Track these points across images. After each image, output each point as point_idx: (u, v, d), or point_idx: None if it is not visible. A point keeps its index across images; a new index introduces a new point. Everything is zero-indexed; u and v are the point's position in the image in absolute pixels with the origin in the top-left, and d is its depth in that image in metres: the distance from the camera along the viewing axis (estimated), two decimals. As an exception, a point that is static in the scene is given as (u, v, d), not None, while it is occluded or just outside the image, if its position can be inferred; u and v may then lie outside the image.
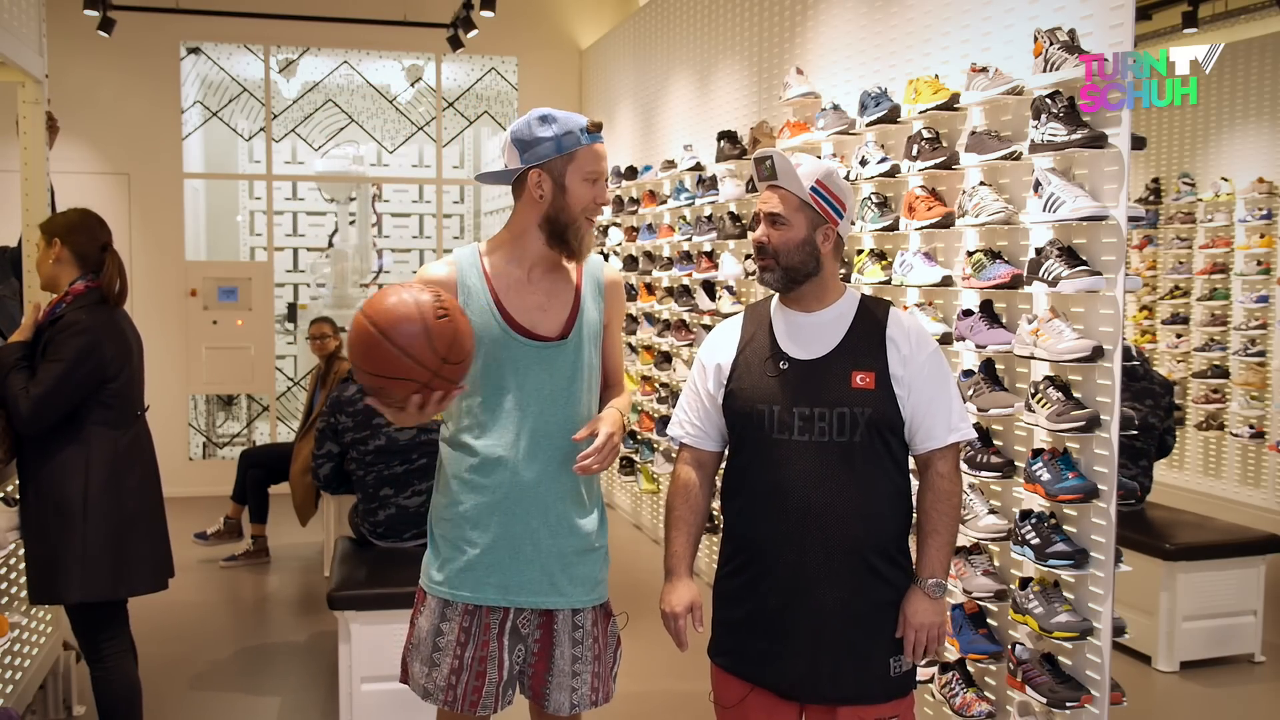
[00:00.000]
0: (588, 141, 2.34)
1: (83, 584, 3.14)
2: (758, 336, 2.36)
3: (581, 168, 2.33)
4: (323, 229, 10.02)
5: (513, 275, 2.39)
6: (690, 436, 2.43)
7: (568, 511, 2.39)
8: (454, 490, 2.39)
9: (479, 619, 2.37)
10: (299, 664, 4.68)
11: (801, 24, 4.97)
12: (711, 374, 2.38)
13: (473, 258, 2.41)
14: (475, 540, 2.36)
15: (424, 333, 2.14)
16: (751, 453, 2.31)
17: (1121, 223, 2.98)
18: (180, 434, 8.14)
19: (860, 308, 2.34)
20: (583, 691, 2.41)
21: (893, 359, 2.26)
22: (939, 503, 2.30)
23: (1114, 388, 3.00)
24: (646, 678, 4.41)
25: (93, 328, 3.16)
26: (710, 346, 2.43)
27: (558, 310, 2.40)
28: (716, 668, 2.39)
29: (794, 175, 2.28)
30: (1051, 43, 3.09)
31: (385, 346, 2.14)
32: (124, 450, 3.24)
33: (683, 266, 5.94)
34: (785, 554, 2.24)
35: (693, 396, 2.43)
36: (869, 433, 2.24)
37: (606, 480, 7.72)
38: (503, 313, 2.35)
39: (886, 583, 2.27)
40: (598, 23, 8.77)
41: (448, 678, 2.36)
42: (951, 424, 2.29)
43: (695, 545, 2.42)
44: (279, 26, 8.25)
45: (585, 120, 2.35)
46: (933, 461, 2.31)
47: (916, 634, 2.26)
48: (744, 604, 2.32)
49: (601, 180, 2.37)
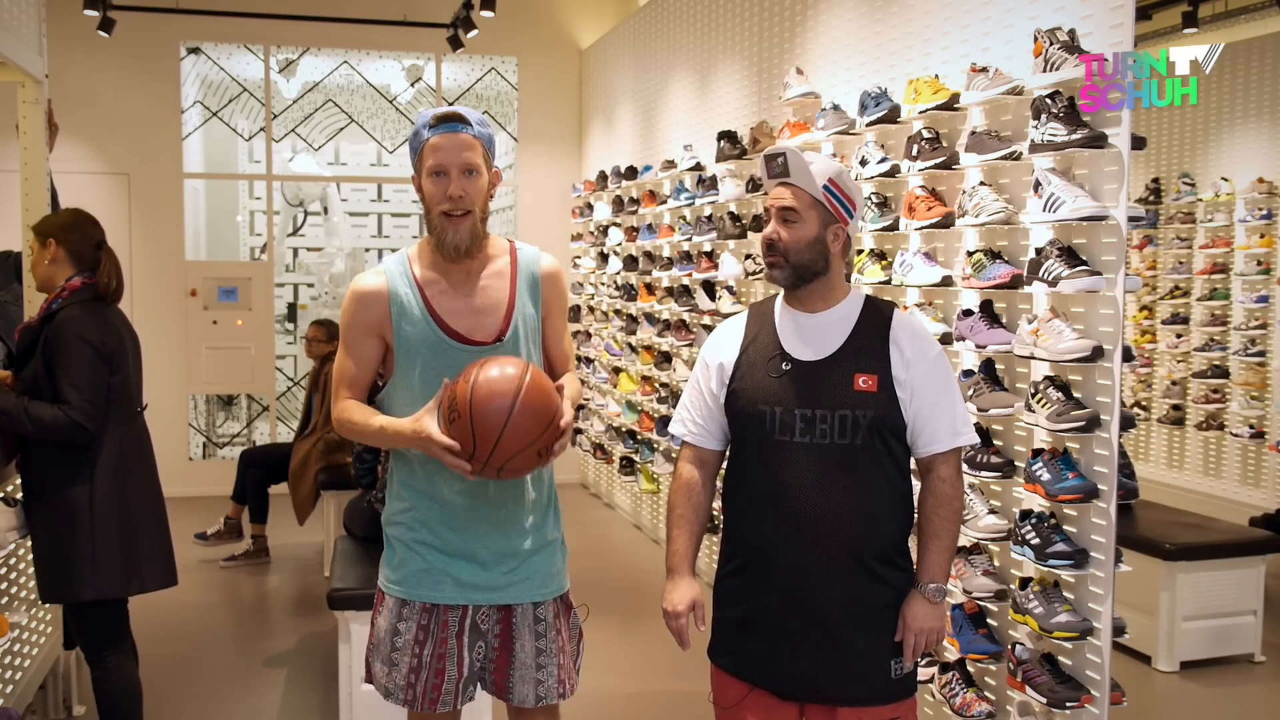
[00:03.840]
0: (427, 136, 2.30)
1: (94, 582, 3.14)
2: (761, 336, 2.35)
3: (425, 164, 2.31)
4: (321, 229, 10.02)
5: (442, 281, 2.37)
6: (692, 435, 2.43)
7: (518, 510, 2.39)
8: (405, 495, 2.40)
9: (437, 617, 2.37)
10: (299, 664, 4.68)
11: (801, 24, 4.97)
12: (714, 373, 2.37)
13: (402, 266, 2.38)
14: (429, 542, 2.37)
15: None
16: (753, 453, 2.30)
17: (1121, 223, 2.98)
18: (180, 434, 8.14)
19: (865, 309, 2.33)
20: (549, 684, 2.42)
21: (895, 362, 2.25)
22: (941, 507, 2.29)
23: (1114, 388, 3.00)
24: (647, 678, 4.41)
25: (89, 320, 3.17)
26: (713, 345, 2.42)
27: (492, 312, 2.37)
28: (716, 668, 2.39)
29: (807, 172, 2.27)
30: (1051, 43, 3.09)
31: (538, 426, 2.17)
32: (127, 447, 3.25)
33: (683, 266, 5.94)
34: (785, 555, 2.24)
35: (695, 395, 2.42)
36: (870, 435, 2.23)
37: (607, 480, 7.72)
38: (437, 320, 2.34)
39: (886, 585, 2.27)
40: (598, 23, 8.77)
41: (406, 676, 2.37)
42: (955, 428, 2.28)
43: (697, 544, 2.41)
44: (279, 26, 8.25)
45: (433, 114, 2.31)
46: (935, 465, 2.29)
47: (915, 638, 2.26)
48: (744, 604, 2.31)
49: (449, 173, 2.29)
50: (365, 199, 10.32)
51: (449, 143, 2.29)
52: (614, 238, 7.23)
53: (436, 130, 2.29)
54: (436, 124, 2.29)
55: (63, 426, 3.07)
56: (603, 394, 7.47)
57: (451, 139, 2.29)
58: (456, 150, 2.29)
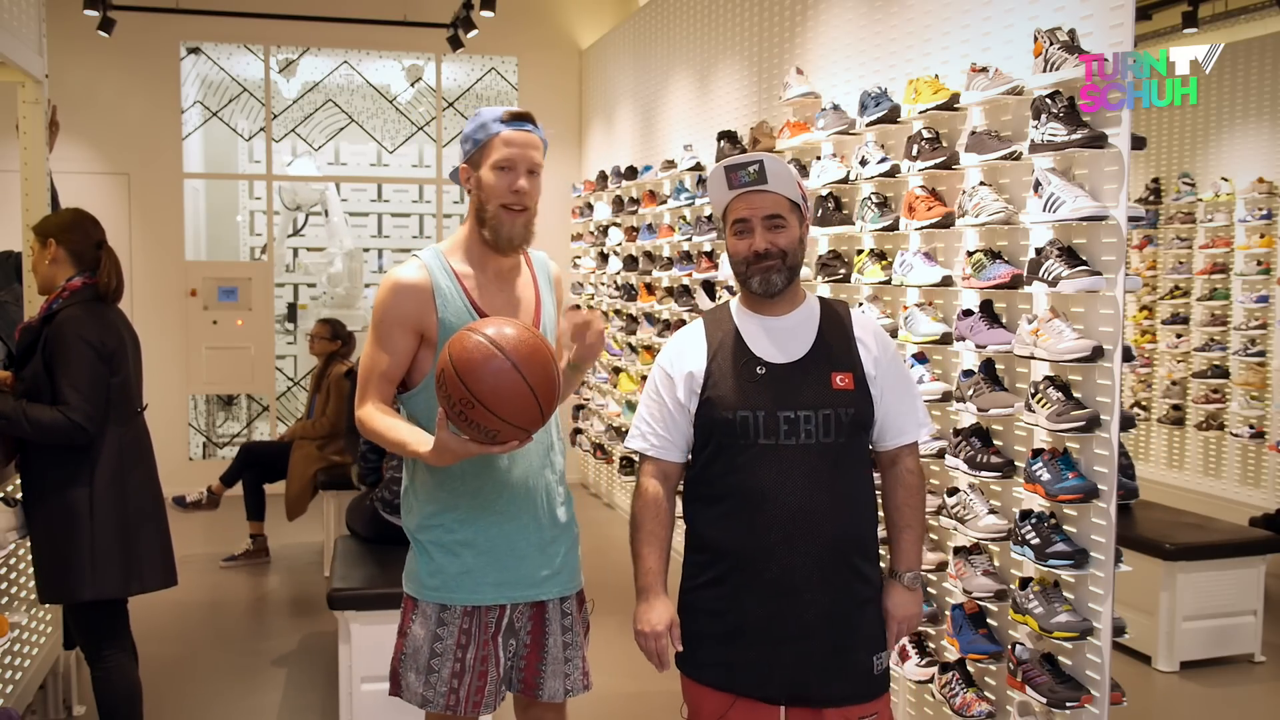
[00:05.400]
0: (498, 130, 2.33)
1: (94, 582, 3.14)
2: (725, 342, 2.32)
3: (491, 156, 2.32)
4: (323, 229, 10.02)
5: (477, 275, 2.40)
6: (655, 449, 2.36)
7: (550, 504, 2.44)
8: (441, 496, 2.38)
9: (478, 619, 2.37)
10: (299, 664, 4.68)
11: (801, 24, 4.97)
12: (681, 383, 2.32)
13: (438, 259, 2.39)
14: (470, 542, 2.36)
15: (554, 393, 2.15)
16: (730, 460, 2.26)
17: (1121, 223, 2.98)
18: (180, 434, 8.14)
19: (823, 309, 2.37)
20: (575, 676, 2.45)
21: (865, 359, 2.30)
22: (911, 497, 2.37)
23: (1114, 388, 3.00)
24: (647, 678, 4.40)
25: (89, 321, 3.17)
26: (674, 355, 2.36)
27: (524, 308, 2.43)
28: (691, 682, 2.34)
29: (788, 177, 2.28)
30: (1051, 43, 3.09)
31: (530, 400, 2.10)
32: (126, 447, 3.25)
33: (683, 266, 5.94)
34: (773, 559, 2.22)
35: (655, 407, 2.36)
36: (852, 433, 2.26)
37: (607, 480, 7.72)
38: (479, 312, 2.35)
39: (866, 581, 2.31)
40: (598, 23, 8.77)
41: (449, 681, 2.35)
42: (919, 419, 2.37)
43: (667, 560, 2.37)
44: (279, 26, 8.25)
45: (505, 110, 2.35)
46: (901, 458, 2.37)
47: (899, 626, 2.35)
48: (726, 615, 2.27)
49: (516, 168, 2.32)
50: (365, 199, 10.32)
51: (521, 139, 2.34)
52: (614, 238, 7.23)
53: (509, 126, 2.33)
54: (510, 120, 2.33)
55: (62, 428, 3.07)
56: (603, 394, 7.47)
57: (524, 136, 2.34)
58: (526, 148, 2.34)
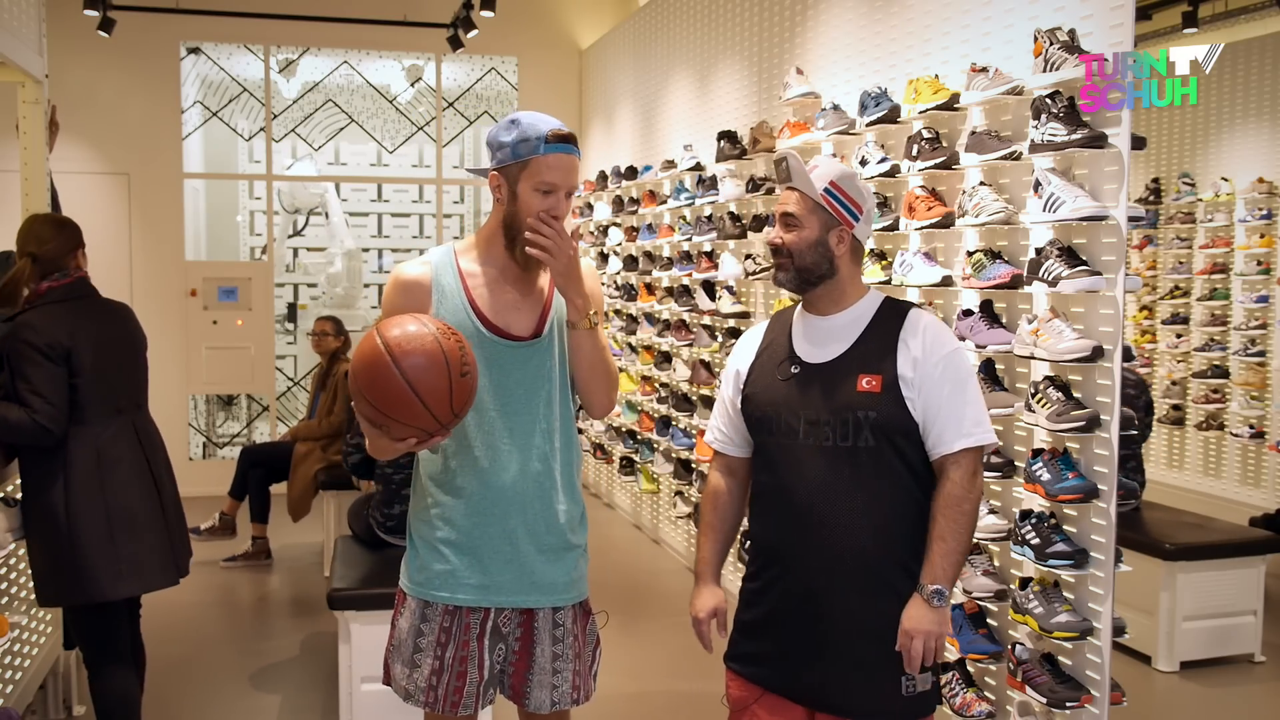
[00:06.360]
0: (544, 151, 2.27)
1: (79, 584, 3.12)
2: (776, 341, 2.37)
3: (533, 177, 2.28)
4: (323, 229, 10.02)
5: (486, 275, 2.38)
6: (718, 442, 2.47)
7: (545, 510, 2.38)
8: (431, 491, 2.39)
9: (459, 619, 2.37)
10: (299, 664, 4.69)
11: (801, 24, 4.97)
12: (732, 380, 2.42)
13: (447, 258, 2.40)
14: (453, 541, 2.36)
15: (447, 389, 2.10)
16: (765, 457, 2.33)
17: (1121, 223, 2.98)
18: (180, 434, 8.14)
19: (880, 310, 2.30)
20: (564, 689, 2.41)
21: (902, 361, 2.20)
22: (948, 508, 2.17)
23: (1114, 388, 3.00)
24: (646, 678, 4.41)
25: (41, 324, 3.12)
26: (735, 352, 2.47)
27: (530, 309, 2.39)
28: (730, 670, 2.40)
29: (806, 176, 2.28)
30: (1051, 43, 3.09)
31: (402, 390, 2.08)
32: (105, 447, 3.20)
33: (683, 266, 5.94)
34: (795, 559, 2.25)
35: (719, 403, 2.47)
36: (875, 437, 2.19)
37: (607, 480, 7.72)
38: (477, 312, 2.34)
39: (898, 596, 2.19)
40: (598, 23, 8.77)
41: (428, 678, 2.36)
42: (963, 429, 2.18)
43: (723, 552, 2.44)
44: (279, 26, 8.25)
45: (549, 129, 2.27)
46: (946, 468, 2.20)
47: (909, 642, 2.15)
48: (759, 607, 2.33)
49: (558, 193, 2.28)
50: (365, 199, 10.32)
51: (565, 164, 2.30)
52: (614, 238, 7.23)
53: (554, 148, 2.28)
54: (555, 141, 2.28)
55: (27, 428, 3.05)
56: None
57: (569, 161, 2.31)
58: (569, 173, 2.31)
